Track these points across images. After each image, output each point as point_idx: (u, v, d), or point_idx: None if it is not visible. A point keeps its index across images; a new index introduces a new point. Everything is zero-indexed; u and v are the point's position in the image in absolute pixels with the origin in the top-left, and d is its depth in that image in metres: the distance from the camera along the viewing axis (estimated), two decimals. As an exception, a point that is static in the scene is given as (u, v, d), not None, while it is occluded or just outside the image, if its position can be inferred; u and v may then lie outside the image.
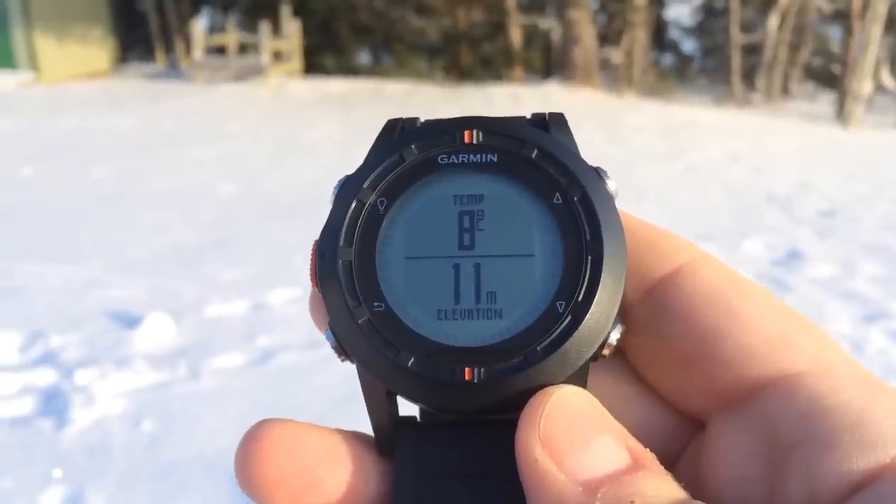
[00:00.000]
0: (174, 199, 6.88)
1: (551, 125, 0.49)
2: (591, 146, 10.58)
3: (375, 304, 0.45)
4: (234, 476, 0.43)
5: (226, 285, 4.59)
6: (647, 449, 0.41)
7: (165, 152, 9.18)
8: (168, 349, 3.71)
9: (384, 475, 0.45)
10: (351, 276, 0.45)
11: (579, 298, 0.43)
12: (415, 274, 0.46)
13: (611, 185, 0.47)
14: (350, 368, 0.47)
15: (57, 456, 2.84)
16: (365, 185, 0.47)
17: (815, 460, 0.39)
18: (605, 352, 0.44)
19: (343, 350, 0.45)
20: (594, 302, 0.43)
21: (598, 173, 0.47)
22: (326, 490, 0.43)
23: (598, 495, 0.37)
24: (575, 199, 0.46)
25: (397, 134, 0.49)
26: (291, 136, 10.67)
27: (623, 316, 0.46)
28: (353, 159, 0.50)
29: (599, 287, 0.44)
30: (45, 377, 3.38)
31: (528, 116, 0.50)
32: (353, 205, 0.47)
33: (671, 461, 0.46)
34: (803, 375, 0.41)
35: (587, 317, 0.43)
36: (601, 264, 0.44)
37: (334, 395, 3.21)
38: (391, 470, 0.45)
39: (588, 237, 0.45)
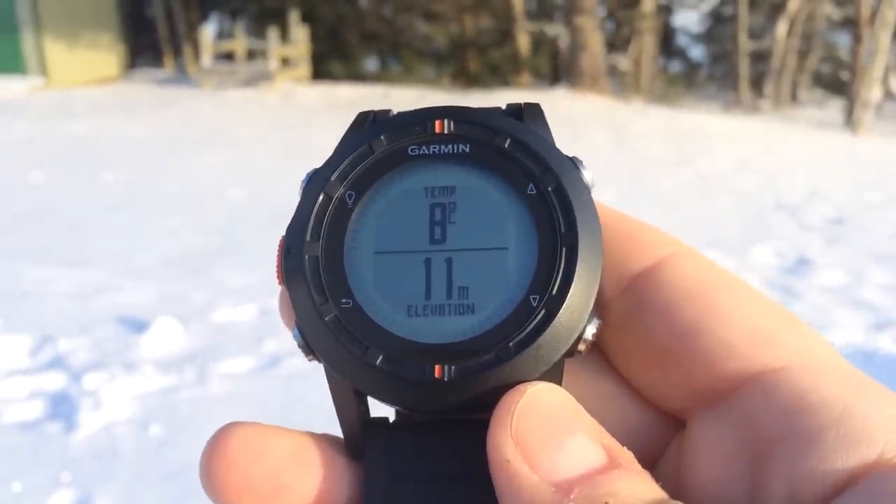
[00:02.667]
0: (183, 203, 6.90)
1: (526, 115, 0.47)
2: (599, 153, 10.57)
3: (343, 300, 0.43)
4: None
5: (234, 290, 4.59)
6: (625, 447, 0.40)
7: (175, 157, 9.21)
8: (176, 354, 3.71)
9: (355, 479, 0.43)
10: (318, 271, 0.44)
11: (553, 292, 0.42)
12: (384, 269, 0.44)
13: (587, 175, 0.45)
14: None
15: (65, 460, 2.84)
16: (332, 178, 0.46)
17: (797, 458, 0.37)
18: (581, 347, 0.43)
19: (310, 349, 0.44)
20: (568, 295, 0.42)
21: (573, 163, 0.45)
22: (294, 495, 0.42)
23: (572, 496, 0.36)
24: (549, 189, 0.44)
25: (368, 125, 0.48)
26: (300, 142, 10.69)
27: (600, 310, 0.45)
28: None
29: (574, 280, 0.42)
30: (54, 381, 3.39)
31: (504, 107, 0.48)
32: (321, 198, 0.45)
33: (652, 461, 0.45)
34: (786, 371, 0.40)
35: (561, 311, 0.42)
36: (576, 256, 0.42)
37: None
38: (361, 474, 0.43)
39: (563, 229, 0.43)
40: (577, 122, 13.33)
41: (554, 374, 0.42)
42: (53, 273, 4.80)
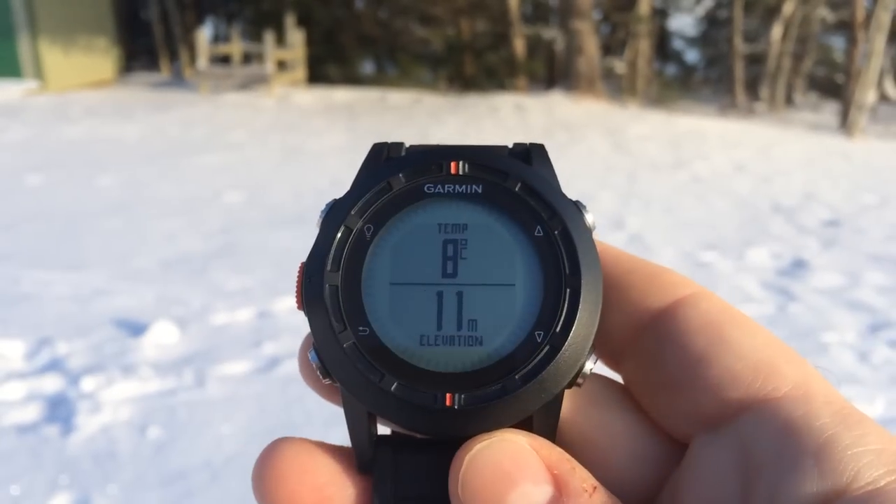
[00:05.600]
0: (180, 207, 6.90)
1: (533, 156, 0.50)
2: (596, 156, 10.59)
3: (360, 328, 0.46)
4: (242, 484, 0.45)
5: (232, 293, 4.59)
6: (577, 469, 0.43)
7: (171, 160, 9.20)
8: (174, 356, 3.71)
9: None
10: (337, 300, 0.47)
11: (557, 329, 0.45)
12: (399, 300, 0.47)
13: (589, 218, 0.49)
14: None
15: (63, 463, 2.84)
16: (353, 212, 0.48)
17: (779, 481, 0.40)
18: (580, 381, 0.46)
19: (327, 372, 0.46)
20: (571, 333, 0.45)
21: (577, 207, 0.49)
22: None
23: None
24: (556, 232, 0.47)
25: (384, 160, 0.50)
26: (297, 145, 10.70)
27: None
28: (358, 168, 0.51)
29: (576, 319, 0.45)
30: (52, 384, 3.38)
31: (510, 146, 0.51)
32: (341, 231, 0.48)
33: (660, 486, 0.48)
34: (782, 400, 0.43)
35: (564, 347, 0.45)
36: (578, 297, 0.46)
37: (341, 402, 3.20)
38: (370, 489, 0.47)
39: (567, 270, 0.46)
40: (574, 125, 13.35)
41: (554, 405, 0.46)
42: (51, 276, 4.80)
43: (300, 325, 4.13)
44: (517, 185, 0.48)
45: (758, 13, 22.33)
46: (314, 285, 0.47)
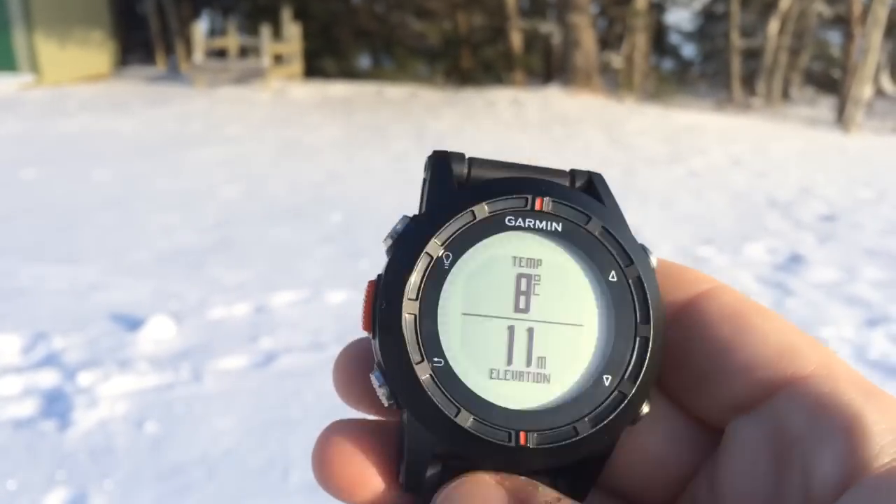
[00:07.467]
0: (177, 201, 6.88)
1: (599, 190, 0.51)
2: (593, 150, 10.59)
3: (436, 359, 0.45)
4: (239, 478, 0.45)
5: (228, 287, 4.59)
6: (542, 490, 0.44)
7: (167, 155, 9.18)
8: (171, 351, 3.70)
9: None
10: (415, 330, 0.46)
11: (625, 376, 0.46)
12: (470, 331, 0.46)
13: (653, 260, 0.49)
14: None
15: (60, 458, 2.83)
16: (435, 239, 0.47)
17: (812, 455, 0.42)
18: (637, 421, 0.47)
19: (395, 399, 0.46)
20: (639, 381, 0.46)
21: (644, 251, 0.49)
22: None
23: None
24: (630, 280, 0.48)
25: (461, 183, 0.49)
26: (293, 139, 10.67)
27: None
28: (355, 162, 0.50)
29: (644, 367, 0.46)
30: (48, 379, 3.37)
31: (567, 170, 0.51)
32: (423, 257, 0.47)
33: (695, 471, 0.50)
34: (810, 378, 0.45)
35: (632, 394, 0.46)
36: (647, 345, 0.47)
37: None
38: None
39: (638, 319, 0.47)
40: (571, 119, 13.34)
41: (613, 443, 0.47)
42: (46, 270, 4.79)
43: (297, 319, 4.13)
44: (598, 228, 0.48)
45: (755, 8, 22.33)
46: (392, 312, 0.46)
